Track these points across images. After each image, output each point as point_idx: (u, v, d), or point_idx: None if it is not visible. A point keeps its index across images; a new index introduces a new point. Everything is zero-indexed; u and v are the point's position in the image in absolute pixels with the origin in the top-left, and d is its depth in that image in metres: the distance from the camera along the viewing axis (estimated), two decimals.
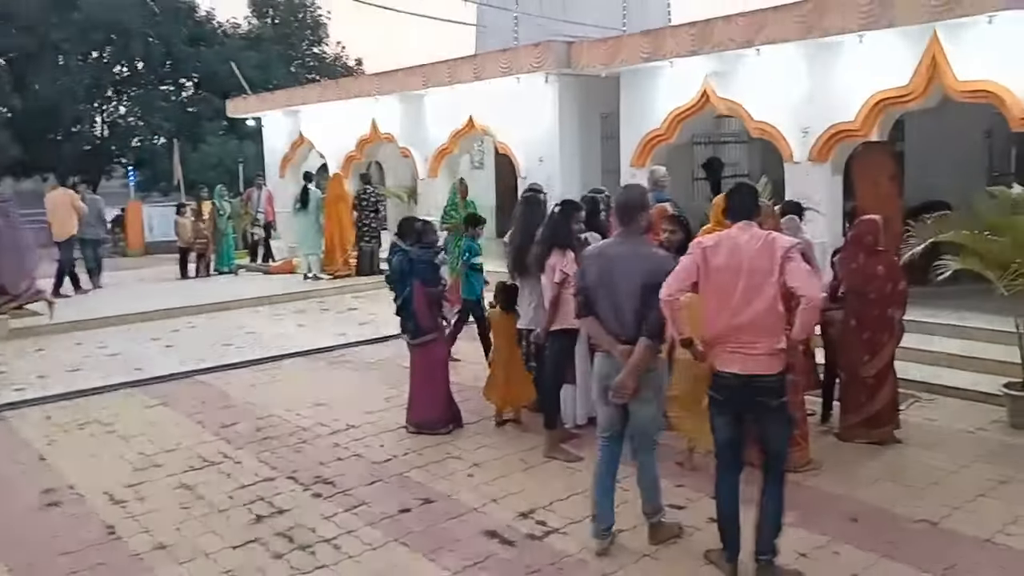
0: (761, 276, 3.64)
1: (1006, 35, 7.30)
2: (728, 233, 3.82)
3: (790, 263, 3.60)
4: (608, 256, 4.11)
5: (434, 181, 13.69)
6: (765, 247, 3.67)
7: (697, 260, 3.78)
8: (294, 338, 9.76)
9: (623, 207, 4.13)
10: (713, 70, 9.53)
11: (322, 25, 31.98)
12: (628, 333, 4.00)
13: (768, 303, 3.63)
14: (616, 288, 4.03)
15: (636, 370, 3.97)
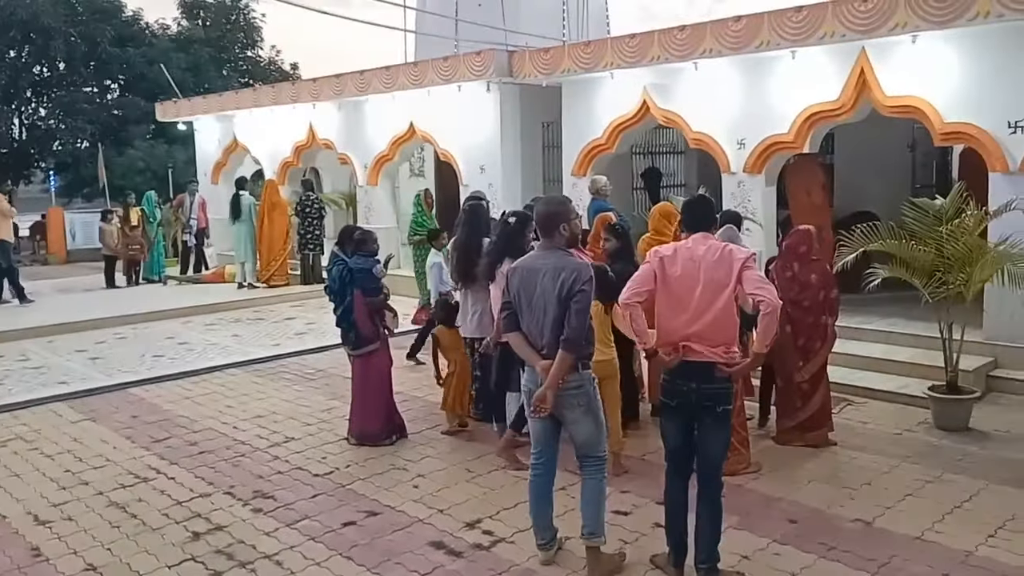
0: (718, 286, 3.76)
1: (928, 54, 7.66)
2: (685, 244, 3.93)
3: (747, 271, 3.72)
4: (529, 269, 4.04)
5: (373, 189, 13.60)
6: (723, 258, 3.79)
7: (655, 268, 3.86)
8: (229, 349, 9.57)
9: (543, 218, 4.05)
10: (652, 82, 9.73)
11: (256, 28, 31.45)
12: (549, 346, 3.93)
13: (723, 312, 3.75)
14: (536, 301, 3.96)
15: (554, 383, 3.87)
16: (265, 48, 32.59)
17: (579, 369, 3.95)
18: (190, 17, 30.96)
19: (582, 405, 3.99)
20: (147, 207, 14.86)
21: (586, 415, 4.01)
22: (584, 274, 3.89)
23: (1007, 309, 7.27)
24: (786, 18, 8.11)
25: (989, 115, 7.39)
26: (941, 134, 7.77)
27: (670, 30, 9.09)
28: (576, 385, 3.96)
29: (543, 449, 4.15)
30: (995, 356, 7.38)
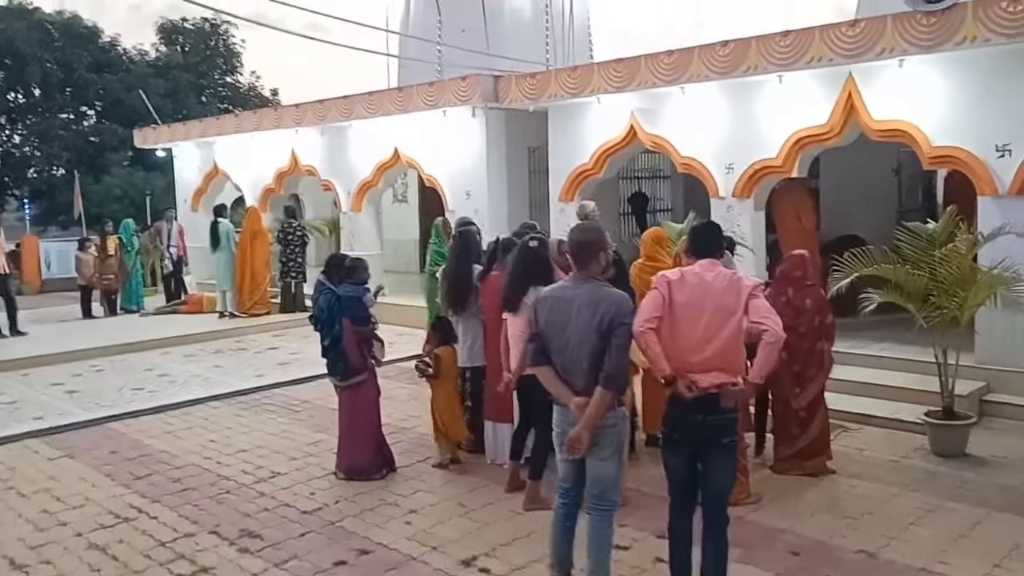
0: (726, 314, 3.71)
1: (916, 78, 7.76)
2: (692, 270, 3.87)
3: (754, 300, 3.68)
4: (562, 299, 3.86)
5: (357, 215, 13.55)
6: (731, 286, 3.74)
7: (663, 293, 3.78)
8: (211, 380, 9.41)
9: (579, 246, 3.88)
10: (640, 107, 9.78)
11: (236, 54, 31.49)
12: (583, 383, 3.75)
13: (731, 340, 3.70)
14: (570, 334, 3.79)
15: (591, 423, 3.70)
16: (245, 74, 32.65)
17: (615, 406, 3.79)
18: (169, 43, 30.97)
19: (612, 445, 3.82)
20: (125, 236, 14.69)
21: (613, 455, 3.84)
22: (626, 307, 3.75)
23: (999, 333, 7.30)
24: (773, 43, 8.19)
25: (977, 139, 7.47)
26: (929, 158, 7.84)
27: (657, 55, 9.16)
28: (611, 424, 3.79)
29: (573, 485, 3.98)
30: (988, 380, 7.40)
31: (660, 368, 3.72)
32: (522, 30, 15.86)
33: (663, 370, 3.71)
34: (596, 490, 3.88)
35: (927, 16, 7.17)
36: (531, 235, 5.62)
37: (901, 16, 7.36)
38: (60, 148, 26.98)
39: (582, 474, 3.91)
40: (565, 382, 3.83)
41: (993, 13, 6.82)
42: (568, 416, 3.83)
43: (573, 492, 4.00)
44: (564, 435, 3.84)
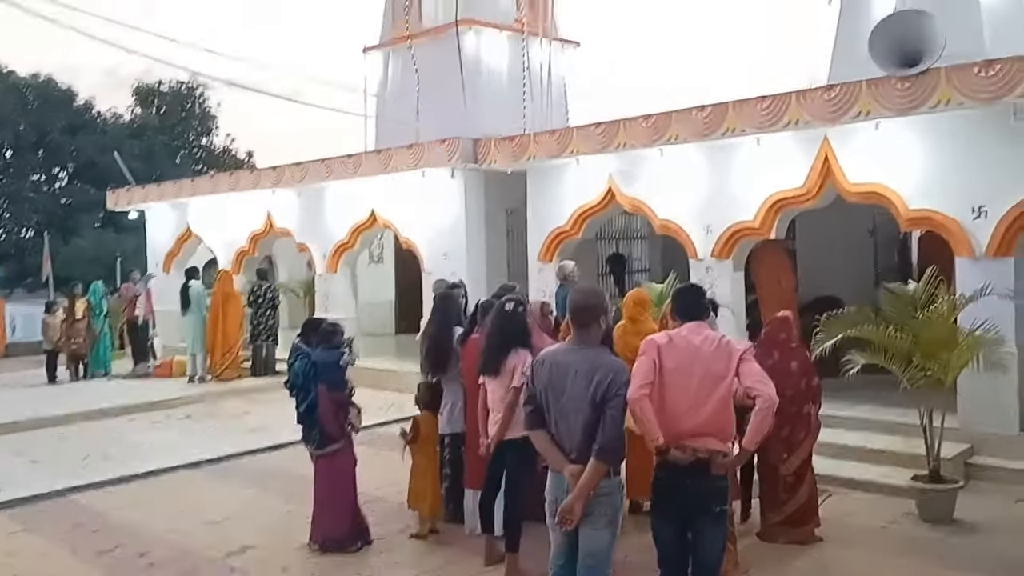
0: (716, 378, 3.68)
1: (892, 141, 7.94)
2: (680, 333, 3.84)
3: (745, 364, 3.65)
4: (560, 363, 3.77)
5: (333, 276, 13.49)
6: (721, 350, 3.72)
7: (654, 358, 3.74)
8: (179, 448, 9.15)
9: (579, 310, 3.83)
10: (618, 169, 9.90)
11: (211, 116, 31.71)
12: (579, 451, 3.66)
13: (721, 405, 3.66)
14: (567, 400, 3.71)
15: (584, 493, 3.59)
16: (220, 136, 32.82)
17: (610, 475, 3.68)
18: (144, 104, 31.14)
19: (607, 515, 3.70)
20: (94, 298, 14.46)
21: (608, 526, 3.72)
22: (622, 376, 3.67)
23: (981, 394, 7.32)
24: (751, 106, 8.37)
25: (953, 200, 7.62)
26: (907, 220, 7.97)
27: (636, 118, 9.32)
28: (606, 492, 3.67)
29: (566, 562, 3.82)
30: (971, 442, 7.38)
31: (653, 436, 3.64)
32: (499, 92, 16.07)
33: (657, 439, 3.63)
34: (589, 562, 3.75)
35: (901, 80, 7.37)
36: (508, 297, 5.60)
37: (876, 80, 7.57)
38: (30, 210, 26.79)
39: (575, 547, 3.77)
40: (560, 448, 3.74)
41: (966, 78, 7.03)
42: (562, 484, 3.72)
43: (568, 568, 3.84)
44: (556, 504, 3.72)
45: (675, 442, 3.68)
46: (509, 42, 16.19)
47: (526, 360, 5.04)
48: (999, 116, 7.19)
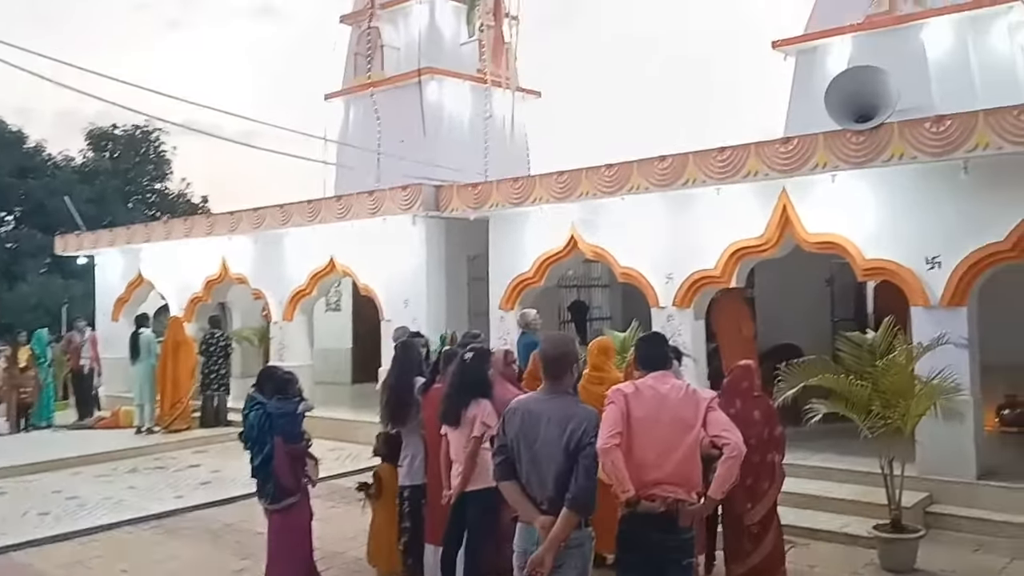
0: (683, 428, 3.67)
1: (848, 192, 8.18)
2: (646, 383, 3.85)
3: (711, 413, 3.65)
4: (532, 412, 3.74)
5: (288, 324, 13.31)
6: (688, 398, 3.73)
7: (622, 408, 3.73)
8: (125, 502, 8.85)
9: (552, 359, 3.81)
10: (581, 217, 10.00)
11: (167, 161, 31.41)
12: (551, 501, 3.61)
13: (689, 454, 3.65)
14: (540, 449, 3.67)
15: (555, 545, 3.53)
16: (175, 180, 32.49)
17: (581, 526, 3.62)
18: (97, 148, 30.75)
19: (577, 567, 3.64)
20: (38, 347, 14.06)
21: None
22: (595, 425, 3.65)
23: (939, 443, 7.44)
24: (711, 157, 8.56)
25: (907, 251, 7.83)
26: (863, 269, 8.15)
27: (598, 168, 9.46)
28: (576, 543, 3.61)
29: None
30: (930, 491, 7.48)
31: (624, 487, 3.63)
32: (460, 140, 16.25)
33: (627, 489, 3.61)
34: None
35: (856, 134, 7.62)
36: (470, 347, 5.58)
37: (832, 134, 7.80)
38: None
39: None
40: (531, 499, 3.68)
41: (918, 133, 7.29)
42: (532, 536, 3.66)
43: None
44: (526, 555, 3.65)
45: (644, 492, 3.66)
46: (471, 91, 16.46)
47: (486, 410, 5.01)
48: (951, 170, 7.45)
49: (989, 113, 7.08)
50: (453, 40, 16.72)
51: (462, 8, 16.43)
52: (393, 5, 16.79)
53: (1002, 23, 13.06)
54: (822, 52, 14.05)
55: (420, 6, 16.41)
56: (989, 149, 6.98)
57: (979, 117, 7.08)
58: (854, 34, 13.66)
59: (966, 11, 12.98)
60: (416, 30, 16.56)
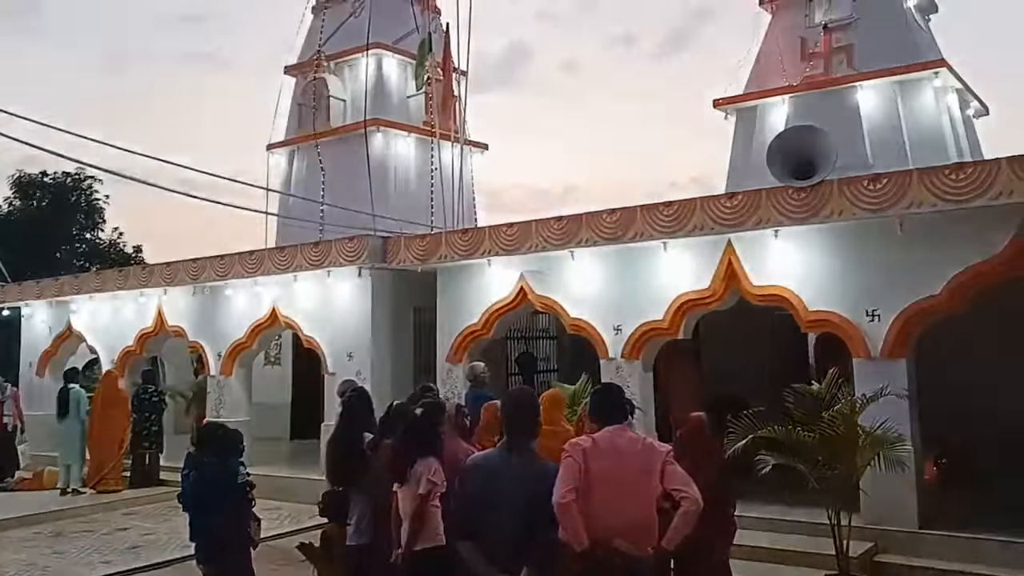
0: (641, 481, 3.71)
1: (791, 247, 8.48)
2: (604, 436, 3.88)
3: (669, 467, 3.70)
4: (491, 470, 3.76)
5: (227, 379, 13.01)
6: (645, 452, 3.76)
7: (579, 462, 3.74)
8: (49, 571, 8.44)
9: (515, 415, 3.85)
10: (530, 269, 10.11)
11: (99, 210, 30.66)
12: (509, 561, 3.61)
13: (646, 507, 3.68)
14: (501, 506, 3.67)
15: None
16: (107, 230, 31.69)
17: None
18: (24, 197, 29.89)
19: None
20: None
21: None
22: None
23: (883, 493, 7.59)
24: (658, 212, 8.80)
25: (849, 304, 8.13)
26: (807, 321, 8.42)
27: (547, 220, 9.63)
28: None
29: None
30: (875, 540, 7.64)
31: (580, 541, 3.63)
32: (406, 192, 16.36)
33: (582, 542, 3.61)
34: None
35: (798, 191, 7.94)
36: (422, 400, 5.54)
37: (775, 190, 8.12)
38: None
39: None
40: (489, 558, 3.67)
41: (856, 190, 7.65)
42: None
43: None
44: None
45: (600, 546, 3.67)
46: (417, 143, 16.64)
47: (432, 467, 4.97)
48: (888, 226, 7.80)
49: (923, 172, 7.49)
50: (400, 92, 16.96)
51: (408, 61, 16.72)
52: (339, 57, 16.97)
53: (928, 87, 13.88)
54: (762, 111, 14.68)
55: (367, 59, 16.61)
56: (923, 207, 7.35)
57: (913, 176, 7.48)
58: (792, 95, 14.33)
59: (896, 75, 13.77)
60: (362, 82, 16.74)
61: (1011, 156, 7.06)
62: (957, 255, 7.63)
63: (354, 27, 16.93)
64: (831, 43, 14.43)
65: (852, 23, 14.46)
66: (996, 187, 7.02)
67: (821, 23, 14.70)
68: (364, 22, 16.61)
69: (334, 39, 17.13)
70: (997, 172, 7.04)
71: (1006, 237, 7.36)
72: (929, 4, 15.46)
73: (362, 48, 16.43)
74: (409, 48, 16.58)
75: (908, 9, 14.56)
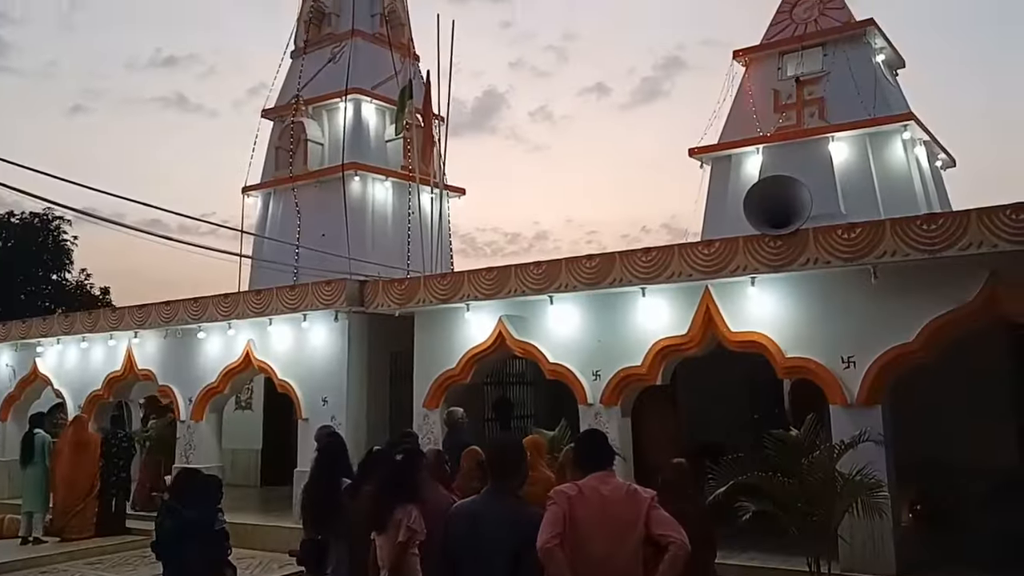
0: (626, 528, 3.73)
1: (768, 294, 8.64)
2: (588, 483, 3.90)
3: (655, 511, 3.73)
4: (477, 517, 3.78)
5: (198, 424, 12.83)
6: (629, 498, 3.80)
7: (564, 509, 3.77)
8: None
9: (500, 459, 3.89)
10: (509, 314, 10.17)
11: (67, 251, 30.34)
12: None
13: (632, 554, 3.70)
14: (484, 556, 3.68)
15: None
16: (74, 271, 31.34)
17: None
18: None
19: None
20: None
21: None
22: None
23: (861, 539, 7.67)
24: (636, 258, 8.94)
25: (825, 351, 8.28)
26: (783, 368, 8.55)
27: (527, 265, 9.75)
28: None
29: None
30: None
31: None
32: (383, 236, 16.43)
33: None
34: None
35: (774, 239, 8.12)
36: (401, 447, 5.55)
37: (751, 238, 8.30)
38: None
39: None
40: None
41: (831, 239, 7.86)
42: None
43: None
44: None
45: None
46: (395, 188, 16.77)
47: (411, 515, 4.96)
48: (862, 274, 7.98)
49: (896, 222, 7.70)
50: (377, 136, 17.14)
51: (386, 106, 16.92)
52: (318, 102, 17.13)
53: (898, 139, 14.35)
54: (736, 160, 15.04)
55: (345, 103, 16.80)
56: (896, 256, 7.56)
57: (886, 225, 7.69)
58: (766, 145, 14.71)
59: (866, 127, 14.23)
60: (340, 126, 16.90)
61: (980, 208, 7.30)
62: (930, 303, 7.82)
63: (333, 72, 17.17)
64: (803, 95, 14.92)
65: (823, 77, 14.97)
66: (967, 238, 7.24)
67: (793, 76, 15.21)
68: (343, 67, 16.86)
69: (313, 83, 17.33)
70: (967, 223, 7.27)
71: (977, 286, 7.56)
72: (896, 59, 16.03)
73: (341, 93, 16.62)
74: (387, 94, 16.81)
75: (877, 64, 15.08)
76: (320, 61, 17.63)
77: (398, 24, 18.17)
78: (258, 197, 17.78)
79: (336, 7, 17.97)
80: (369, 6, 18.09)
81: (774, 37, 15.92)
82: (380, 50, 17.29)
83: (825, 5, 15.59)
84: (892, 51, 15.75)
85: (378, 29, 17.68)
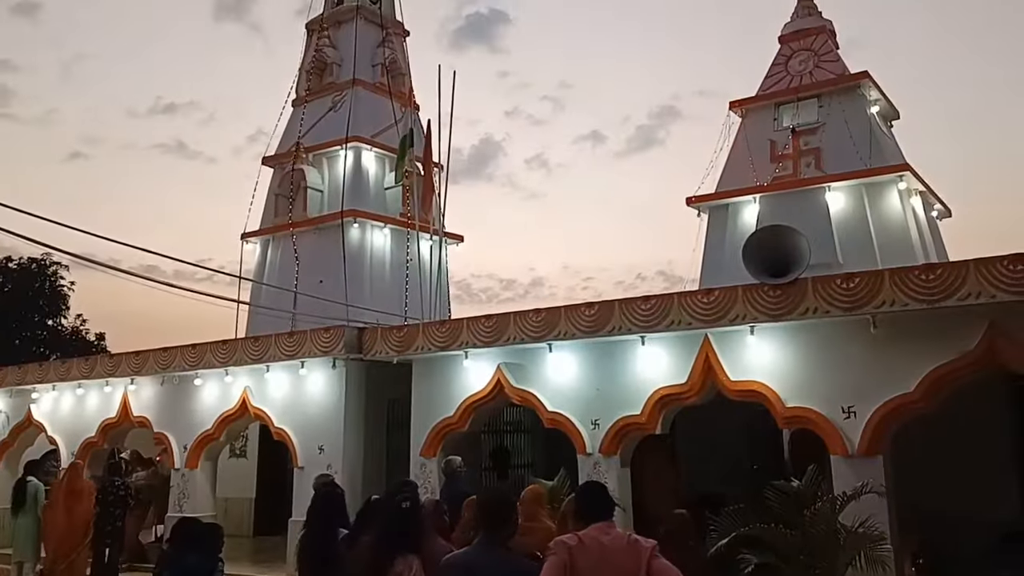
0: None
1: (767, 343, 8.65)
2: (589, 534, 3.90)
3: (656, 561, 3.73)
4: (471, 568, 3.79)
5: (192, 472, 12.73)
6: (630, 547, 3.79)
7: (564, 560, 3.76)
8: None
9: (492, 510, 3.91)
10: (507, 361, 10.16)
11: (63, 296, 30.35)
12: None
13: None
14: None
15: None
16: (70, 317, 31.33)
17: None
18: None
19: None
20: None
21: None
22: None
23: None
24: (635, 306, 8.97)
25: (825, 401, 8.27)
26: (783, 418, 8.53)
27: (525, 312, 9.75)
28: None
29: None
30: None
31: None
32: (382, 282, 16.49)
33: None
34: None
35: (773, 289, 8.16)
36: (401, 495, 5.49)
37: (750, 287, 8.34)
38: None
39: None
40: None
41: (830, 288, 7.90)
42: None
43: None
44: None
45: None
46: (394, 235, 16.90)
47: (413, 566, 4.90)
48: (861, 324, 8.01)
49: (894, 272, 7.76)
50: (377, 184, 17.33)
51: (386, 154, 17.13)
52: (318, 149, 17.34)
53: (894, 190, 14.55)
54: (734, 209, 15.20)
55: (345, 151, 17.01)
56: (896, 305, 7.59)
57: (885, 276, 7.74)
58: (762, 194, 14.89)
59: (862, 178, 14.44)
60: (340, 173, 17.09)
61: (977, 259, 7.35)
62: (930, 353, 7.83)
63: (334, 120, 17.42)
64: (799, 146, 15.17)
65: (819, 128, 15.23)
66: (965, 288, 7.29)
67: (789, 127, 15.47)
68: (344, 116, 17.11)
69: (313, 131, 17.56)
70: (966, 274, 7.32)
71: (977, 336, 7.59)
72: (891, 111, 16.32)
73: (341, 141, 16.85)
74: (387, 142, 17.03)
75: (872, 115, 15.35)
76: (321, 109, 17.91)
77: (399, 74, 18.50)
78: (257, 243, 17.89)
79: (338, 57, 18.32)
80: (371, 56, 18.44)
81: (770, 88, 16.23)
82: (381, 99, 17.57)
83: (820, 58, 15.93)
84: (887, 103, 16.05)
85: (379, 79, 18.00)
